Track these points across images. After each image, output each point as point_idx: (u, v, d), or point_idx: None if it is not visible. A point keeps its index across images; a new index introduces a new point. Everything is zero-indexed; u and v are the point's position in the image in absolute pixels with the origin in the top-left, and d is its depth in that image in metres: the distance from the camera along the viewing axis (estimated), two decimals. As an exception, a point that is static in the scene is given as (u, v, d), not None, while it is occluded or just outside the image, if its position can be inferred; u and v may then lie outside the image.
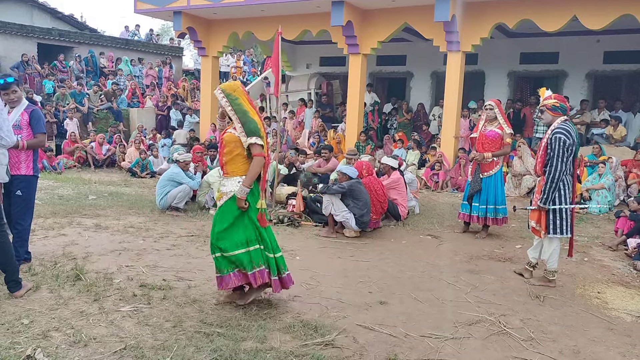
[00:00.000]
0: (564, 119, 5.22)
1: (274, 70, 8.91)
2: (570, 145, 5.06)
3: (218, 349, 3.59)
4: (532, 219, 5.44)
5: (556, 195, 5.20)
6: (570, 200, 5.26)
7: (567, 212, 5.24)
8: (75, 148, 13.79)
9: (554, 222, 5.26)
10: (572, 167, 5.25)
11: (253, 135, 4.16)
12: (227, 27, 14.84)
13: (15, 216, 5.02)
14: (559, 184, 5.15)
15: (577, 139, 5.21)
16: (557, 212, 5.23)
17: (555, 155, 5.06)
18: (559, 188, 5.18)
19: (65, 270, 5.12)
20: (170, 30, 28.59)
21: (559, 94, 5.43)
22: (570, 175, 5.25)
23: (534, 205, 5.40)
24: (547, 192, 5.17)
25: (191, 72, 24.11)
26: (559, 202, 5.21)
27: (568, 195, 5.23)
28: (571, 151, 5.10)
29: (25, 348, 3.47)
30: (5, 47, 18.45)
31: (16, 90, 5.02)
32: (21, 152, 4.95)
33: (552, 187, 5.14)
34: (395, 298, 4.88)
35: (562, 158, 5.05)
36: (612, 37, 13.38)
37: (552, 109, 5.24)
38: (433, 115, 15.62)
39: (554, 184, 5.12)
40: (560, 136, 5.06)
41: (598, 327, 4.40)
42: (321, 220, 7.83)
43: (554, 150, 5.07)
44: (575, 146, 5.15)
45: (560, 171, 5.07)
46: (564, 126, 5.13)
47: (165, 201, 8.32)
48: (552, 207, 5.21)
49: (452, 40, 11.64)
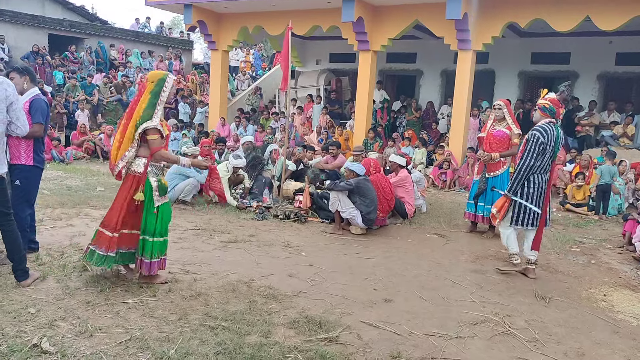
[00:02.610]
0: (550, 120, 5.48)
1: (283, 66, 8.90)
2: (543, 143, 5.33)
3: (222, 343, 3.60)
4: (495, 206, 5.71)
5: (520, 189, 5.48)
6: (534, 200, 5.47)
7: (530, 208, 5.47)
8: (84, 140, 13.83)
9: (515, 213, 5.54)
10: (548, 166, 5.50)
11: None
12: (237, 21, 14.84)
13: (13, 206, 4.99)
14: (527, 178, 5.43)
15: (558, 141, 5.47)
16: (518, 204, 5.51)
17: (527, 150, 5.39)
18: (526, 183, 5.45)
19: (72, 260, 5.15)
20: (181, 24, 28.61)
21: (555, 99, 5.61)
22: (544, 174, 5.50)
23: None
24: (513, 182, 5.50)
25: (201, 65, 24.14)
26: (524, 198, 5.47)
27: (536, 194, 5.46)
28: (544, 149, 5.36)
29: (31, 337, 3.50)
30: (16, 37, 18.52)
31: (14, 77, 5.00)
32: (21, 142, 4.92)
33: (519, 179, 5.44)
34: (400, 296, 4.88)
35: (533, 154, 5.35)
36: (625, 38, 13.28)
37: (542, 109, 5.54)
38: (442, 114, 15.57)
39: (520, 176, 5.42)
40: (536, 133, 5.37)
41: (603, 330, 4.38)
42: (328, 216, 7.83)
43: (527, 145, 5.41)
44: (552, 147, 5.40)
45: (529, 165, 5.37)
46: (544, 125, 5.42)
47: (172, 194, 8.34)
48: (514, 198, 5.50)
49: (463, 39, 11.58)
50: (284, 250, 6.24)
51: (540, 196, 5.51)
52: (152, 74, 4.70)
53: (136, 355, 3.41)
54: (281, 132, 14.25)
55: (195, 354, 3.44)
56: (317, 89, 17.19)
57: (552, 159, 5.54)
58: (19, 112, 4.45)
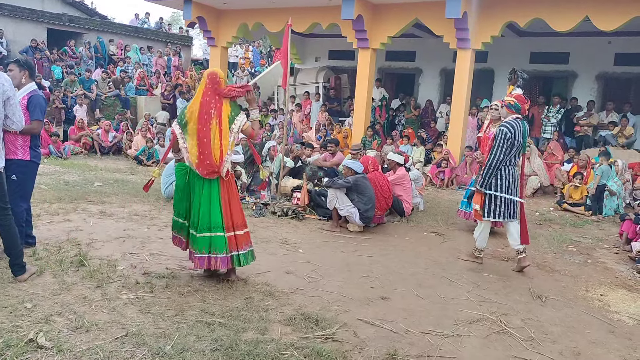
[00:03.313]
0: (517, 116, 5.72)
1: (283, 63, 8.89)
2: (510, 138, 5.56)
3: (219, 339, 3.60)
4: (476, 203, 5.86)
5: (492, 182, 5.69)
6: (508, 190, 5.68)
7: (502, 199, 5.68)
8: (82, 135, 13.80)
9: (489, 207, 5.74)
10: (515, 160, 5.75)
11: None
12: (237, 17, 14.82)
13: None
14: (497, 172, 5.66)
15: (525, 135, 5.73)
16: (492, 198, 5.71)
17: (495, 145, 5.61)
18: (496, 176, 5.66)
19: (69, 255, 5.14)
20: (180, 19, 28.56)
21: (520, 96, 5.83)
22: (512, 167, 5.73)
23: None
24: (483, 177, 5.73)
25: (200, 61, 24.09)
26: (494, 190, 5.68)
27: (505, 185, 5.68)
28: (512, 144, 5.58)
29: (27, 332, 3.49)
30: (15, 31, 18.44)
31: (13, 69, 4.97)
32: (18, 137, 4.89)
33: (489, 173, 5.66)
34: (396, 294, 4.89)
35: (502, 148, 5.58)
36: (624, 39, 13.29)
37: (508, 106, 5.77)
38: (440, 113, 15.58)
39: (490, 170, 5.65)
40: (503, 129, 5.60)
41: (599, 330, 4.39)
42: (325, 214, 7.83)
43: (496, 140, 5.62)
44: (520, 141, 5.65)
45: (498, 159, 5.59)
46: (511, 121, 5.66)
47: (170, 190, 8.32)
48: (487, 191, 5.70)
49: (463, 38, 11.58)
50: (281, 247, 6.24)
51: (515, 187, 5.74)
52: (221, 72, 4.75)
53: (132, 350, 3.41)
54: (279, 129, 14.25)
55: (192, 350, 3.44)
56: (316, 86, 17.19)
57: (522, 152, 5.83)
58: (15, 107, 4.43)
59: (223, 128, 4.51)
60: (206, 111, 4.51)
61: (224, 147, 4.52)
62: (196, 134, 4.52)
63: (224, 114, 4.53)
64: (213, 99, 4.54)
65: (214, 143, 4.50)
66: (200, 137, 4.51)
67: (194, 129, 4.52)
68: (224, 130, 4.52)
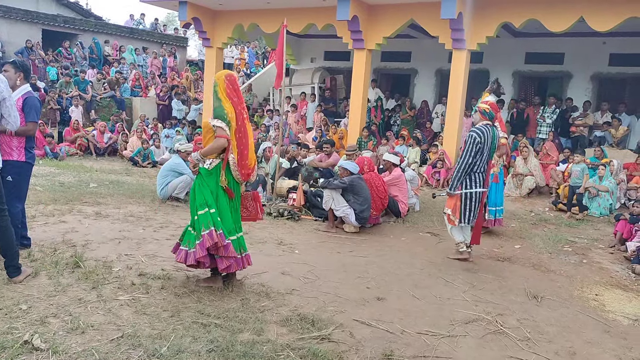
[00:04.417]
0: (487, 122, 5.92)
1: (278, 63, 8.89)
2: (479, 143, 5.76)
3: (215, 340, 3.60)
4: (449, 207, 6.04)
5: (463, 185, 5.89)
6: (478, 196, 5.93)
7: (472, 204, 5.91)
8: (77, 136, 13.76)
9: (464, 212, 5.95)
10: (485, 166, 5.95)
11: (216, 118, 4.50)
12: (232, 18, 14.80)
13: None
14: (467, 177, 5.85)
15: (494, 142, 5.97)
16: (467, 203, 5.92)
17: (465, 150, 5.82)
18: (467, 181, 5.87)
19: (64, 257, 5.12)
20: (176, 20, 28.50)
21: (494, 104, 6.18)
22: (483, 173, 5.94)
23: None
24: (453, 180, 5.94)
25: (195, 62, 24.07)
26: (470, 196, 5.89)
27: (479, 192, 5.91)
28: (481, 149, 5.78)
29: (22, 333, 3.48)
30: (10, 32, 18.38)
31: (8, 70, 4.95)
32: (13, 138, 4.89)
33: (458, 177, 5.87)
34: (392, 294, 4.89)
35: (471, 153, 5.78)
36: (619, 39, 13.32)
37: (482, 113, 5.96)
38: (436, 113, 15.58)
39: (459, 174, 5.85)
40: (473, 134, 5.81)
41: (595, 329, 4.41)
42: (321, 214, 7.84)
43: (465, 145, 5.84)
44: (489, 147, 5.87)
45: (467, 164, 5.79)
46: (481, 127, 5.87)
47: (166, 191, 8.33)
48: (456, 192, 5.91)
49: (458, 38, 11.59)
50: (277, 248, 6.24)
51: (481, 194, 5.96)
52: (235, 74, 4.81)
53: (128, 352, 3.40)
54: (275, 129, 14.24)
55: (188, 352, 3.43)
56: (312, 87, 17.18)
57: (490, 158, 6.04)
58: (11, 108, 4.43)
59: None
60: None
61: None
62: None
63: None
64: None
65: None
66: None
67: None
68: None
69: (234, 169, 4.56)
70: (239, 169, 4.57)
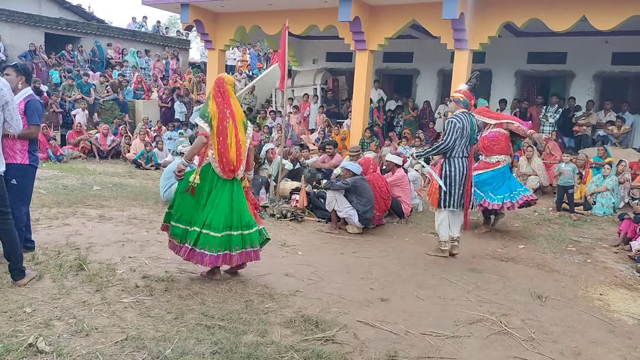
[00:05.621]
0: (463, 110, 6.13)
1: (281, 65, 8.90)
2: (459, 127, 5.99)
3: (219, 342, 3.60)
4: (429, 193, 6.35)
5: (446, 174, 6.06)
6: (459, 181, 6.08)
7: (451, 188, 6.06)
8: (80, 139, 13.80)
9: (442, 198, 6.09)
10: (466, 151, 6.12)
11: (200, 118, 4.74)
12: (234, 20, 14.81)
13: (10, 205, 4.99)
14: (449, 162, 6.06)
15: (473, 128, 6.15)
16: (443, 190, 6.08)
17: (446, 133, 6.04)
18: (447, 167, 6.06)
19: (68, 260, 5.13)
20: (178, 23, 28.56)
21: (467, 92, 6.23)
22: (464, 158, 6.11)
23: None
24: (426, 151, 6.38)
25: (197, 64, 24.10)
26: (446, 182, 6.05)
27: (458, 177, 6.07)
28: (461, 133, 5.99)
29: (27, 336, 3.48)
30: (13, 36, 18.45)
31: (9, 73, 4.97)
32: (16, 141, 4.90)
33: (432, 150, 6.25)
34: (396, 295, 4.88)
35: (452, 135, 5.99)
36: (621, 38, 13.29)
37: (457, 101, 6.17)
38: (439, 113, 15.57)
39: (434, 150, 6.19)
40: (453, 119, 6.05)
41: (599, 329, 4.39)
42: (324, 216, 7.83)
43: (446, 129, 6.06)
44: (468, 132, 6.04)
45: (447, 146, 6.01)
46: (459, 114, 6.10)
47: (169, 193, 8.31)
48: (420, 160, 6.55)
49: (460, 38, 11.58)
50: (280, 249, 6.24)
51: (462, 179, 6.10)
52: (229, 78, 4.92)
53: (132, 354, 3.40)
54: (278, 131, 14.24)
55: (192, 354, 3.44)
56: (314, 88, 17.19)
57: (470, 144, 6.17)
58: (14, 112, 4.44)
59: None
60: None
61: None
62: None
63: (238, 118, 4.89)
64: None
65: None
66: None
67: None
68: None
69: (215, 165, 4.71)
70: (219, 165, 4.69)
